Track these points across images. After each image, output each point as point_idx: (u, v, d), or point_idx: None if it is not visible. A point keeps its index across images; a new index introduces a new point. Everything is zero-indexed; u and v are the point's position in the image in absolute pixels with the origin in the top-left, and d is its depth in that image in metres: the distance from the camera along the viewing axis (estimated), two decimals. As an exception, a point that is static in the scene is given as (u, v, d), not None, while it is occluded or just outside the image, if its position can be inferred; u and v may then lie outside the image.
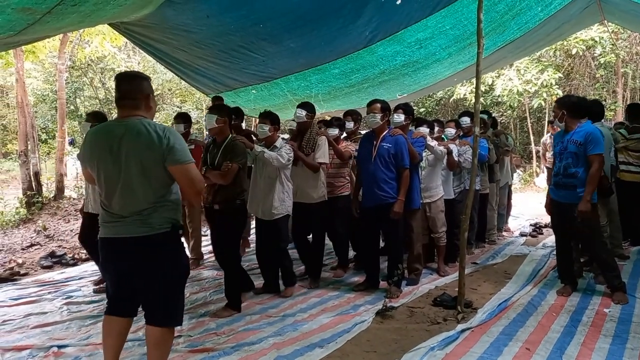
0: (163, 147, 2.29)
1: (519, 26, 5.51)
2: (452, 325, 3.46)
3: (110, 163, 2.34)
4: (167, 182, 2.39)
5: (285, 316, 3.74)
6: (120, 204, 2.36)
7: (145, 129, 2.31)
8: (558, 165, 4.00)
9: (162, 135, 2.31)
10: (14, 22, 2.93)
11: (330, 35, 4.88)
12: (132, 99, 2.40)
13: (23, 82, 9.03)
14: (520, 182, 12.90)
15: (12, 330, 3.62)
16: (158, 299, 2.45)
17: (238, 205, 3.77)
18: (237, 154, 3.65)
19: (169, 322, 2.49)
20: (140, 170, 2.32)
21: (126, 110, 2.40)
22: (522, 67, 11.71)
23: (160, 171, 2.33)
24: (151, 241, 2.36)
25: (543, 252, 5.57)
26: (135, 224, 2.35)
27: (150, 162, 2.32)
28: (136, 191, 2.34)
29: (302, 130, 4.47)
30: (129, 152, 2.31)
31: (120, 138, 2.32)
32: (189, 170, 2.37)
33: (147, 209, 2.35)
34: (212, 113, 3.77)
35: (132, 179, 2.33)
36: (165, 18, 4.16)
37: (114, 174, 2.35)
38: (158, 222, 2.37)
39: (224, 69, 5.59)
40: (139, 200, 2.34)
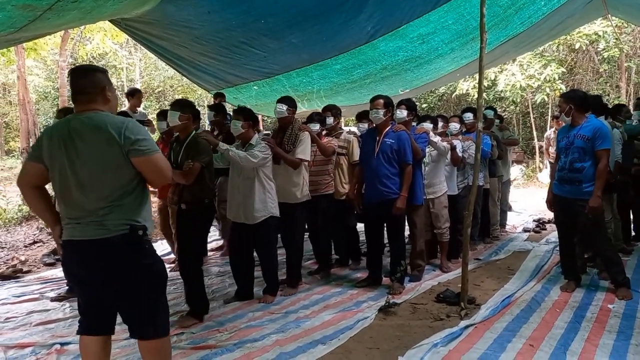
0: (124, 140, 2.14)
1: (522, 21, 5.48)
2: (455, 321, 3.45)
3: (65, 160, 2.17)
4: (127, 179, 2.20)
5: (288, 313, 3.73)
6: (75, 204, 2.19)
7: (103, 123, 2.16)
8: (563, 160, 3.97)
9: (122, 128, 2.15)
10: (14, 19, 2.92)
11: (332, 30, 4.86)
12: (86, 93, 2.24)
13: (25, 80, 9.03)
14: (523, 177, 12.87)
15: (15, 327, 3.62)
16: (132, 311, 2.28)
17: (206, 206, 3.58)
18: (200, 152, 3.44)
19: (152, 334, 2.30)
20: (98, 168, 2.16)
21: (82, 104, 2.24)
22: (525, 62, 11.66)
23: (122, 166, 2.17)
24: (109, 245, 2.16)
25: (546, 248, 5.55)
26: (92, 226, 2.16)
27: (109, 158, 2.15)
28: (91, 190, 2.16)
29: (283, 126, 4.23)
30: (84, 148, 2.16)
31: (75, 134, 2.17)
32: (154, 160, 2.21)
33: (103, 208, 2.16)
34: (174, 109, 3.53)
35: (87, 177, 2.16)
36: (166, 14, 4.14)
37: (68, 171, 2.17)
38: (114, 223, 2.16)
39: (225, 65, 5.57)
40: (94, 200, 2.16)
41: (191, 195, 3.49)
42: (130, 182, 2.21)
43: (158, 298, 2.34)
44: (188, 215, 3.55)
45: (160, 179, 2.31)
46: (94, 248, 2.17)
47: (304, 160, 4.14)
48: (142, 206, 2.27)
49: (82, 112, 2.23)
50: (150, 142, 2.22)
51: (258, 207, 3.82)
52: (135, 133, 2.17)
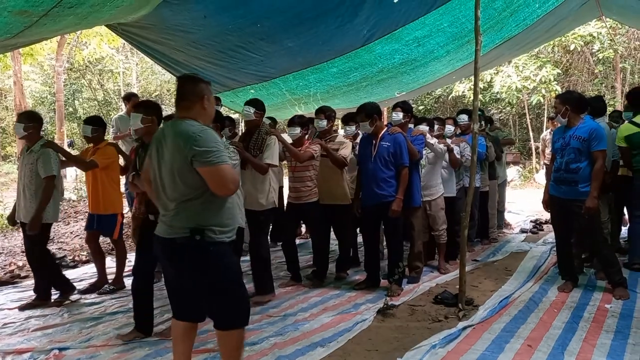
0: (189, 150, 2.26)
1: (517, 23, 5.51)
2: (454, 322, 3.46)
3: (156, 161, 2.44)
4: (194, 186, 2.31)
5: (286, 316, 3.73)
6: (159, 202, 2.46)
7: (181, 131, 2.32)
8: (559, 161, 4.00)
9: (192, 138, 2.27)
10: (10, 25, 2.93)
11: (328, 34, 4.87)
12: (186, 100, 2.45)
13: (21, 85, 9.04)
14: (520, 178, 12.92)
15: (12, 333, 3.61)
16: (207, 302, 2.48)
17: None
18: None
19: (226, 325, 2.45)
20: (170, 171, 2.35)
21: (181, 111, 2.46)
22: (520, 63, 11.72)
23: (188, 173, 2.30)
24: (175, 244, 2.35)
25: (544, 249, 5.57)
26: (165, 225, 2.40)
27: (179, 164, 2.31)
28: (167, 192, 2.38)
29: (250, 129, 4.11)
30: (166, 152, 2.38)
31: (164, 138, 2.41)
32: (216, 171, 2.28)
33: (172, 210, 2.36)
34: (137, 111, 3.32)
35: (165, 179, 2.38)
36: (163, 19, 4.15)
37: (156, 173, 2.44)
38: (178, 225, 2.34)
39: (222, 69, 5.58)
40: (168, 201, 2.38)
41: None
42: (198, 189, 2.32)
43: (230, 294, 2.44)
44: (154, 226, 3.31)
45: (222, 189, 2.34)
46: (166, 245, 2.39)
47: (271, 166, 3.99)
48: (211, 212, 2.37)
49: (178, 119, 2.45)
50: (217, 153, 2.29)
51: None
52: (202, 144, 2.26)
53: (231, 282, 2.46)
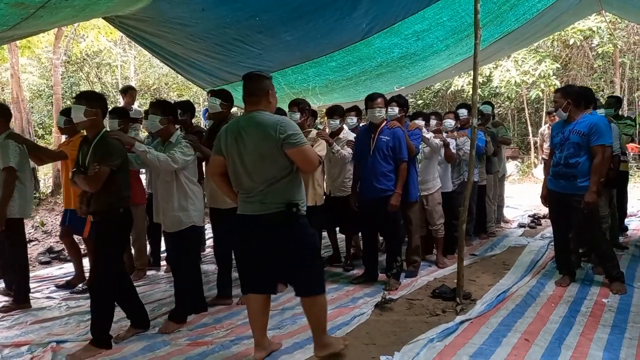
0: (278, 135, 2.60)
1: (516, 17, 5.49)
2: (451, 316, 3.47)
3: (235, 151, 2.72)
4: (281, 166, 2.66)
5: (285, 309, 3.74)
6: (244, 186, 2.74)
7: (264, 121, 2.66)
8: (558, 156, 3.99)
9: (277, 125, 2.62)
10: (7, 17, 2.91)
11: (327, 27, 4.85)
12: (255, 95, 2.75)
13: (18, 78, 8.98)
14: (518, 173, 12.93)
15: (10, 326, 3.61)
16: (294, 274, 2.79)
17: (121, 216, 3.11)
18: (109, 153, 3.00)
19: (308, 292, 2.77)
20: (258, 157, 2.66)
21: (250, 105, 2.77)
22: (519, 58, 11.69)
23: (276, 156, 2.64)
24: (269, 219, 2.67)
25: (541, 243, 5.58)
26: (256, 204, 2.69)
27: (266, 149, 2.64)
28: (254, 175, 2.68)
29: (217, 122, 3.83)
30: (249, 142, 2.68)
31: (242, 130, 2.70)
32: (302, 151, 2.65)
33: (263, 190, 2.67)
34: (78, 102, 3.05)
35: (251, 165, 2.68)
36: (160, 11, 4.12)
37: (238, 160, 2.72)
38: (272, 202, 2.66)
39: (220, 62, 5.55)
40: (257, 183, 2.68)
41: (100, 205, 3.04)
42: (285, 169, 2.67)
43: (313, 262, 2.80)
44: (99, 227, 3.11)
45: (308, 166, 2.74)
46: (258, 221, 2.70)
47: None
48: (296, 188, 2.74)
49: (250, 112, 2.75)
50: (300, 136, 2.66)
51: (177, 215, 3.37)
52: (287, 129, 2.62)
53: (314, 251, 2.84)
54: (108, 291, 3.12)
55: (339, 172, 4.76)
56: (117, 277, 3.17)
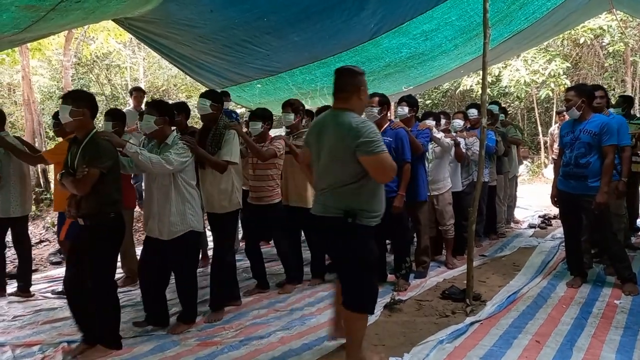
0: (352, 140, 2.47)
1: (526, 16, 5.45)
2: (461, 318, 3.45)
3: (317, 146, 2.69)
4: (351, 173, 2.54)
5: (293, 310, 3.74)
6: (316, 183, 2.74)
7: (343, 123, 2.54)
8: (568, 156, 3.95)
9: (354, 128, 2.49)
10: (18, 20, 2.94)
11: (334, 28, 4.84)
12: (345, 91, 2.63)
13: (29, 80, 9.07)
14: (528, 173, 12.83)
15: (22, 326, 3.65)
16: (343, 281, 2.73)
17: (111, 220, 2.99)
18: (98, 155, 2.87)
19: (350, 305, 2.65)
20: (330, 158, 2.59)
21: (338, 102, 2.67)
22: (529, 57, 11.60)
23: (347, 161, 2.52)
24: (325, 222, 2.62)
25: (552, 244, 5.53)
26: (319, 204, 2.68)
27: (339, 152, 2.54)
28: (324, 175, 2.65)
29: (207, 124, 3.71)
30: (326, 140, 2.62)
31: (325, 127, 2.66)
32: (376, 160, 2.49)
33: (327, 192, 2.63)
34: (65, 103, 2.93)
35: (324, 164, 2.64)
36: (169, 13, 4.15)
37: (315, 157, 2.71)
38: (331, 206, 2.59)
39: (228, 63, 5.57)
40: (324, 184, 2.65)
41: (90, 208, 2.93)
42: (355, 175, 2.54)
43: (360, 277, 2.64)
44: (89, 232, 2.97)
45: (382, 176, 2.56)
46: (319, 222, 2.67)
47: (231, 163, 3.56)
48: (363, 197, 2.58)
49: (336, 109, 2.66)
50: (378, 143, 2.48)
51: (175, 220, 3.25)
52: (365, 135, 2.47)
53: (367, 266, 2.65)
54: (109, 294, 3.06)
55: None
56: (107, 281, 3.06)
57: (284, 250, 4.31)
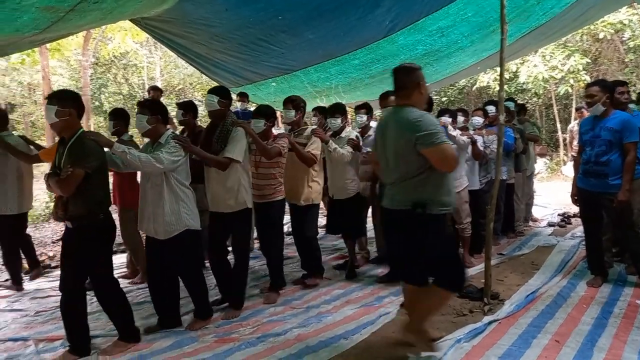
0: (412, 135, 2.56)
1: (544, 11, 5.35)
2: (479, 317, 3.42)
3: (380, 143, 2.83)
4: (415, 166, 2.63)
5: (310, 308, 3.75)
6: (384, 178, 2.88)
7: (402, 118, 2.66)
8: (589, 153, 3.88)
9: (414, 122, 2.58)
10: (38, 21, 2.99)
11: (349, 25, 4.82)
12: (405, 88, 2.73)
13: (49, 79, 9.23)
14: (547, 171, 12.64)
15: (44, 321, 3.72)
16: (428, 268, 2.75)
17: (101, 221, 2.96)
18: (84, 155, 2.83)
19: (443, 285, 2.75)
20: (394, 153, 2.70)
21: (401, 99, 2.77)
22: (547, 53, 11.41)
23: (410, 154, 2.61)
24: (395, 214, 2.72)
25: (572, 243, 5.44)
26: (388, 198, 2.78)
27: (401, 147, 2.65)
28: (390, 170, 2.76)
29: (214, 121, 3.67)
30: (388, 136, 2.74)
31: (387, 124, 2.79)
32: (437, 151, 2.56)
33: (394, 186, 2.74)
34: (50, 103, 2.87)
35: (389, 159, 2.75)
36: (185, 12, 4.18)
37: (380, 153, 2.83)
38: (399, 199, 2.69)
39: (243, 62, 5.59)
40: (390, 179, 2.76)
41: (77, 210, 2.88)
42: (418, 168, 2.63)
43: (448, 264, 2.74)
44: (77, 234, 2.93)
45: (445, 167, 2.64)
46: (391, 216, 2.77)
47: (233, 160, 3.48)
48: (430, 188, 2.65)
49: (397, 106, 2.79)
50: (438, 134, 2.56)
51: (169, 219, 3.21)
52: (424, 129, 2.55)
53: (447, 252, 2.76)
54: (111, 292, 3.09)
55: (340, 173, 4.41)
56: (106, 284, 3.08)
57: (276, 253, 4.11)
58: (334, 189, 4.51)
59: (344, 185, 4.43)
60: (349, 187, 4.43)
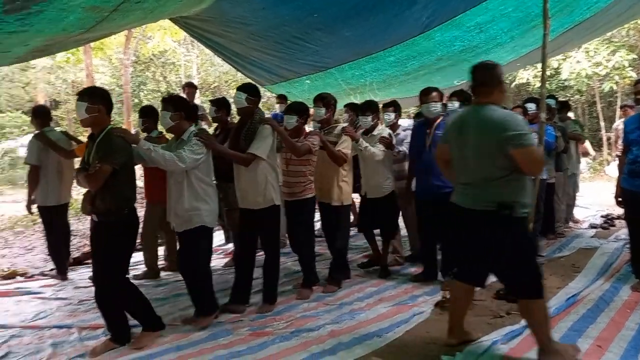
0: (501, 134, 2.49)
1: (588, 6, 5.15)
2: (516, 319, 3.32)
3: (458, 142, 2.74)
4: (501, 165, 2.55)
5: (343, 304, 3.75)
6: (461, 177, 2.75)
7: (488, 117, 2.58)
8: (635, 153, 3.72)
9: (504, 123, 2.51)
10: (83, 20, 3.11)
11: (385, 22, 4.79)
12: (487, 85, 2.67)
13: (92, 78, 9.58)
14: (589, 170, 12.20)
15: (87, 310, 3.88)
16: (506, 274, 2.71)
17: (125, 216, 3.01)
18: (111, 151, 2.88)
19: (523, 294, 2.67)
20: (477, 153, 2.62)
21: (481, 96, 2.69)
22: (591, 48, 11.01)
23: (497, 155, 2.53)
24: (476, 216, 2.63)
25: (615, 245, 5.23)
26: (469, 197, 2.69)
27: (486, 146, 2.58)
28: (470, 170, 2.67)
29: (243, 118, 3.67)
30: (470, 135, 2.65)
31: (467, 122, 2.69)
32: (526, 152, 2.50)
33: (476, 186, 2.65)
34: (81, 100, 2.93)
35: (470, 158, 2.66)
36: (223, 11, 4.25)
37: (457, 152, 2.76)
38: (482, 200, 2.61)
39: (279, 60, 5.65)
40: (471, 178, 2.67)
41: (104, 205, 2.93)
42: (504, 169, 2.55)
43: (527, 266, 2.66)
44: (103, 228, 3.02)
45: (533, 169, 2.64)
46: (469, 215, 2.68)
47: (256, 157, 3.48)
48: (515, 189, 2.59)
49: (478, 104, 2.69)
50: (527, 136, 2.50)
51: (186, 215, 3.26)
52: (514, 129, 2.49)
53: (527, 255, 2.70)
54: (116, 294, 3.07)
55: (372, 171, 4.39)
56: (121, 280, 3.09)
57: (307, 251, 4.13)
58: (367, 188, 4.48)
59: (378, 184, 4.40)
60: (383, 186, 4.40)
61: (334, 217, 4.23)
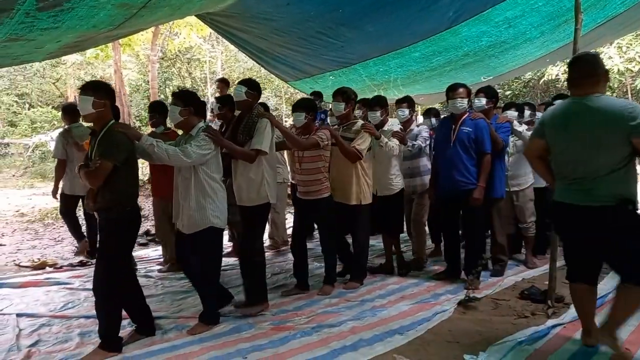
0: (627, 123, 2.41)
1: (622, 0, 5.00)
2: (542, 320, 3.27)
3: (561, 136, 2.64)
4: (619, 157, 2.48)
5: (364, 301, 3.74)
6: (568, 173, 2.64)
7: (607, 106, 2.51)
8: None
9: (628, 111, 2.43)
10: (113, 17, 3.17)
11: (411, 17, 4.73)
12: (593, 76, 2.60)
13: (120, 73, 9.78)
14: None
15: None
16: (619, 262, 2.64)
17: (127, 213, 2.93)
18: (112, 147, 2.81)
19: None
20: (593, 144, 2.51)
21: (587, 87, 2.59)
22: (623, 44, 10.70)
23: (617, 145, 2.47)
24: (594, 212, 2.53)
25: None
26: (581, 194, 2.58)
27: (607, 136, 2.48)
28: (583, 163, 2.56)
29: (242, 113, 3.61)
30: (582, 126, 2.55)
31: (576, 115, 2.60)
32: None
33: (591, 180, 2.53)
34: (85, 94, 2.83)
35: (580, 152, 2.56)
36: (247, 7, 4.27)
37: (562, 147, 2.65)
38: (600, 194, 2.51)
39: (303, 55, 5.64)
40: (583, 172, 2.56)
41: (106, 201, 2.87)
42: (623, 160, 2.49)
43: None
44: (105, 224, 2.96)
45: None
46: (581, 212, 2.58)
47: (260, 152, 3.41)
48: (629, 182, 2.53)
49: (583, 96, 2.60)
50: None
51: (194, 215, 3.18)
52: (637, 116, 2.40)
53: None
54: (113, 291, 2.93)
55: (384, 169, 4.30)
56: (123, 277, 3.02)
57: (329, 249, 4.08)
58: (379, 186, 4.35)
59: (388, 182, 4.34)
60: (393, 184, 4.35)
61: (352, 217, 4.09)
